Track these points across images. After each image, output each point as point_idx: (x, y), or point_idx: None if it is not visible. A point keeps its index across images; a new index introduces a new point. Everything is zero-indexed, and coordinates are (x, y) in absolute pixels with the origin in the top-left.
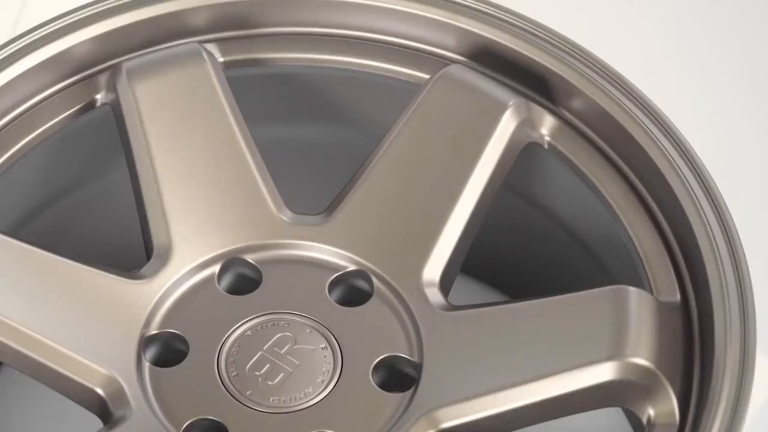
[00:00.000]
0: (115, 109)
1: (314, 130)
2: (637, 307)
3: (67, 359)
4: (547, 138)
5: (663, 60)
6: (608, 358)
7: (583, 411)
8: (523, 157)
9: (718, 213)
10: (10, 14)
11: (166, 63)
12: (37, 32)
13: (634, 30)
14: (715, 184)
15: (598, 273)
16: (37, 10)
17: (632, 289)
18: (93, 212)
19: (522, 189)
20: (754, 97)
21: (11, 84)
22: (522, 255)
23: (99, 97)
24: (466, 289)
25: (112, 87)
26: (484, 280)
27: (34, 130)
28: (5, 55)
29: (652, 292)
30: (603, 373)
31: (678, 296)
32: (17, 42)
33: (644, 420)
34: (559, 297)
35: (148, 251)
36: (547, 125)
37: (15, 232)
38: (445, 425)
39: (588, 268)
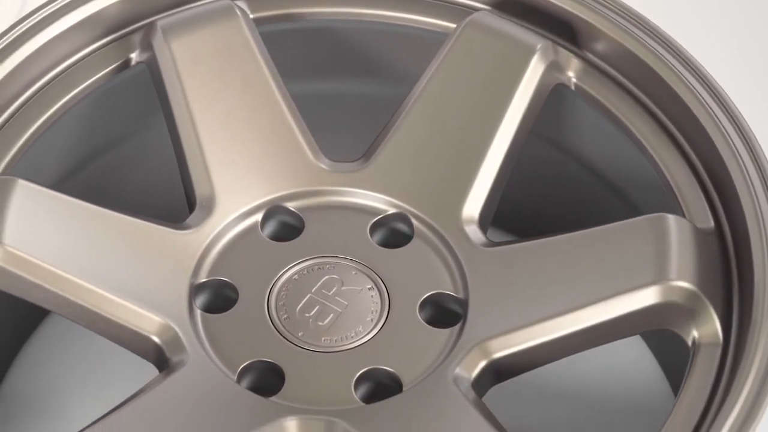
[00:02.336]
0: (151, 66)
1: (344, 84)
2: (676, 233)
3: (122, 308)
4: (574, 80)
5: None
6: (653, 283)
7: (630, 335)
8: (549, 100)
9: (746, 141)
10: None
11: (200, 20)
12: None
13: None
14: (741, 114)
15: (628, 213)
16: None
17: (671, 216)
18: (131, 168)
19: (548, 133)
20: None
21: (48, 46)
22: (548, 201)
23: (133, 56)
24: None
25: (147, 45)
26: (509, 230)
27: (72, 90)
28: (41, 17)
29: None
30: (648, 297)
31: (712, 223)
32: (52, 5)
33: (689, 342)
34: (599, 228)
35: (190, 203)
36: (573, 67)
37: (58, 188)
38: (498, 355)
39: (617, 209)
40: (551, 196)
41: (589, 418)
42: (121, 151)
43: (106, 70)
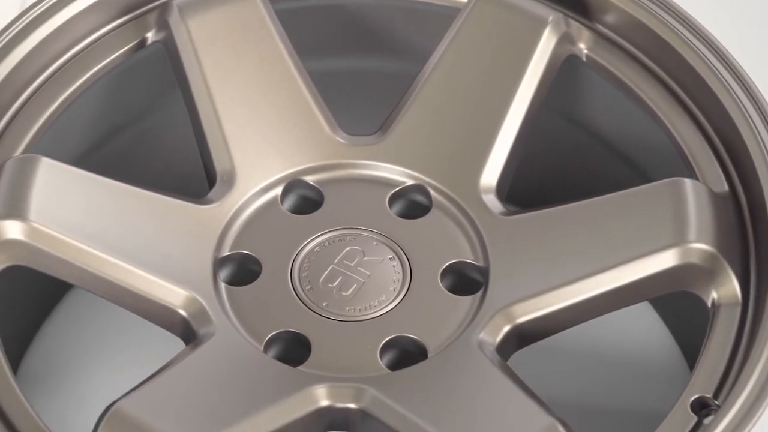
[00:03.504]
0: (167, 44)
1: (358, 60)
2: (694, 196)
3: (148, 282)
4: (585, 51)
5: None
6: (672, 245)
7: (650, 297)
8: (560, 72)
9: (758, 107)
10: None
11: None
12: None
13: None
14: (751, 79)
15: (640, 183)
16: None
17: (687, 180)
18: (149, 146)
19: (559, 104)
20: None
21: (65, 26)
22: (559, 173)
23: (149, 35)
24: None
25: (162, 24)
26: (519, 203)
27: (90, 70)
28: None
29: None
30: (668, 259)
31: (726, 187)
32: None
33: (709, 303)
34: (618, 193)
35: (210, 178)
36: (584, 39)
37: (78, 166)
38: (521, 320)
39: (628, 179)
40: (562, 168)
41: (603, 381)
42: (138, 129)
43: (123, 50)
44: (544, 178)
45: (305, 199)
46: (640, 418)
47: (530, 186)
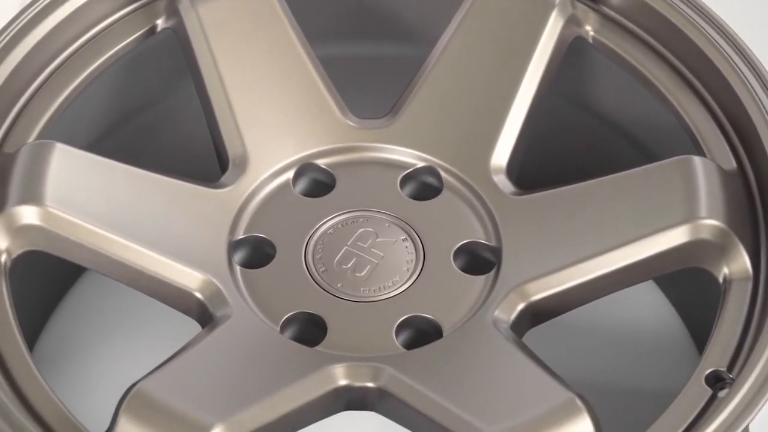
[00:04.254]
0: (177, 30)
1: (366, 46)
2: (703, 173)
3: (164, 265)
4: (592, 33)
5: None
6: (683, 221)
7: (662, 273)
8: (566, 54)
9: (764, 85)
10: None
11: None
12: None
13: None
14: (758, 59)
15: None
16: None
17: (697, 158)
18: (159, 132)
19: (565, 86)
20: None
21: (75, 13)
22: (564, 155)
23: (159, 22)
24: None
25: (172, 11)
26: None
27: (101, 57)
28: None
29: None
30: (679, 235)
31: (734, 164)
32: None
33: (720, 279)
34: (628, 172)
35: (222, 163)
36: (590, 21)
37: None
38: (535, 297)
39: (635, 160)
40: (569, 150)
41: (609, 360)
42: (148, 116)
43: (133, 36)
44: (550, 161)
45: (317, 183)
46: (647, 395)
47: (537, 170)
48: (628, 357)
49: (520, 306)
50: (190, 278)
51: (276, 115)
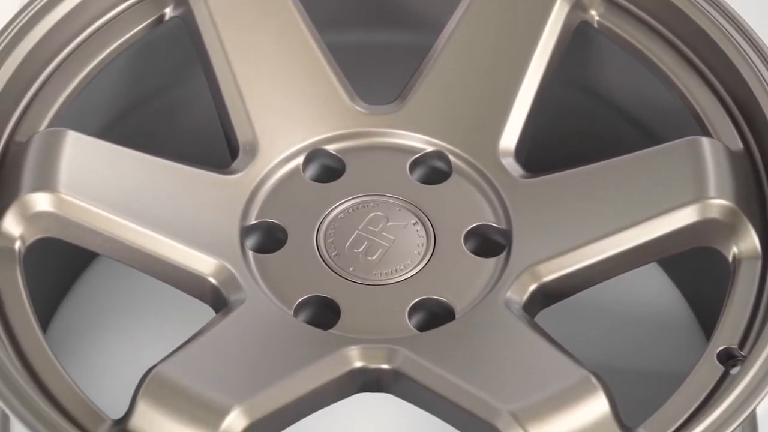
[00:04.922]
0: (186, 19)
1: (374, 34)
2: (712, 153)
3: (178, 251)
4: (597, 18)
5: None
6: (693, 201)
7: (672, 253)
8: (572, 39)
9: None
10: None
11: None
12: None
13: None
14: (762, 40)
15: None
16: None
17: (705, 138)
18: (168, 120)
19: (570, 70)
20: None
21: (84, 3)
22: (570, 139)
23: (167, 11)
24: None
25: (181, 0)
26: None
27: (110, 46)
28: None
29: None
30: (689, 215)
31: (741, 145)
32: None
33: (730, 258)
34: (636, 153)
35: (232, 150)
36: (595, 6)
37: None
38: (547, 278)
39: (642, 143)
40: (575, 135)
41: (615, 341)
42: (157, 104)
43: (142, 25)
44: (557, 145)
45: (327, 168)
46: (652, 376)
47: (544, 155)
48: (632, 338)
49: (532, 287)
50: (203, 263)
51: (285, 101)
